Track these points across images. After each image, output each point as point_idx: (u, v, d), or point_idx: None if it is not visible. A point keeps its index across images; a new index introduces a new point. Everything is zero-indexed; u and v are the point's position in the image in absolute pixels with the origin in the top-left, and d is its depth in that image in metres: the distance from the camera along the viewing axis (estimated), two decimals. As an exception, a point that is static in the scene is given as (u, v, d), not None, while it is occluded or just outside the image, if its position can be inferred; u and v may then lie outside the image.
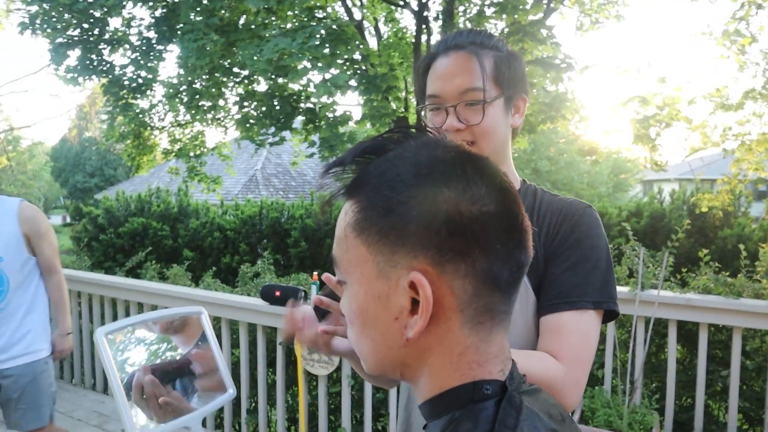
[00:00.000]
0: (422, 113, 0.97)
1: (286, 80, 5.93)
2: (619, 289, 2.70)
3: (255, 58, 5.25)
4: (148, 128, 7.12)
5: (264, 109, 6.56)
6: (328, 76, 5.17)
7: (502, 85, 0.90)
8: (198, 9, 5.78)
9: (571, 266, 0.85)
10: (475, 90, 0.88)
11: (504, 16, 6.05)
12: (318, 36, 5.00)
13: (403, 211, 0.47)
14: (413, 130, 0.54)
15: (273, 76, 5.43)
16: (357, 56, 5.89)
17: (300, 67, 5.20)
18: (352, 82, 5.59)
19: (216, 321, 3.11)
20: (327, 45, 5.11)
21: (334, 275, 0.61)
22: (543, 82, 6.19)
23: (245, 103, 6.80)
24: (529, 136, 6.45)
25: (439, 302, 0.47)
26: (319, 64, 5.14)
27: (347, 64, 5.53)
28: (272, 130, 6.66)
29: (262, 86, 6.87)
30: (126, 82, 6.40)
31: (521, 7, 5.96)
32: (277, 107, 6.41)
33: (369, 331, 0.52)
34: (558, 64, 5.83)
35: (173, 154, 7.45)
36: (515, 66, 0.93)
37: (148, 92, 6.53)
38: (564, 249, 0.87)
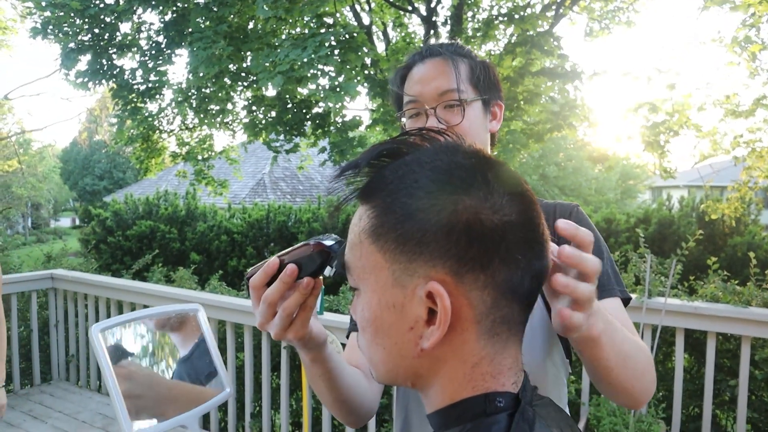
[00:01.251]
0: (402, 121, 0.99)
1: (296, 86, 5.96)
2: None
3: (266, 65, 5.27)
4: (157, 132, 7.17)
5: (273, 114, 6.58)
6: (338, 81, 5.19)
7: (479, 89, 0.94)
8: (207, 16, 5.82)
9: None
10: (454, 91, 0.91)
11: (512, 25, 6.06)
12: (328, 44, 5.02)
13: (423, 218, 0.46)
14: (430, 133, 0.52)
15: (284, 85, 5.45)
16: (366, 61, 5.91)
17: (310, 74, 5.22)
18: (361, 88, 5.59)
19: (221, 324, 3.12)
20: (337, 53, 5.14)
21: (345, 280, 0.58)
22: (550, 91, 6.19)
23: (254, 108, 6.83)
24: (536, 144, 6.43)
25: (457, 313, 0.46)
26: (328, 70, 5.16)
27: (356, 69, 5.55)
28: (282, 136, 6.68)
29: (270, 91, 6.91)
30: (135, 86, 6.45)
31: (531, 14, 5.96)
32: (288, 115, 6.43)
33: (382, 339, 0.51)
34: (565, 73, 5.82)
35: (181, 157, 7.50)
36: (489, 72, 0.96)
37: (157, 96, 6.58)
38: None
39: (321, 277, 0.65)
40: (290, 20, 6.13)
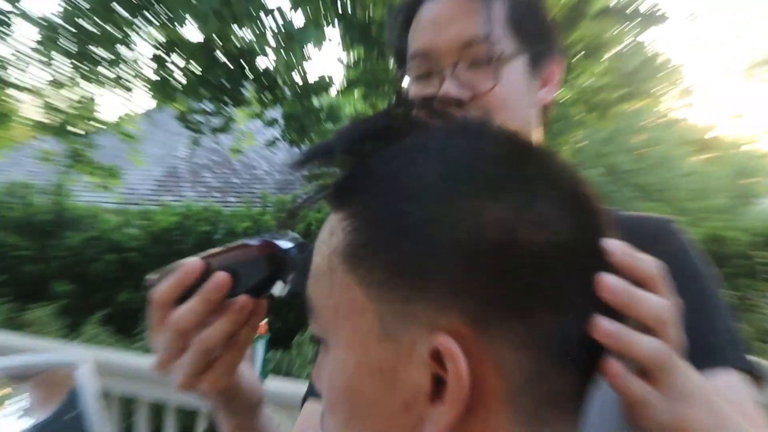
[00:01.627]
0: (404, 83, 1.02)
1: (230, 24, 6.01)
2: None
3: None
4: (6, 87, 7.16)
5: (198, 71, 6.59)
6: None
7: (523, 38, 0.94)
8: None
9: (695, 309, 0.84)
10: (484, 41, 0.92)
11: None
12: None
13: (428, 236, 0.47)
14: (443, 105, 0.53)
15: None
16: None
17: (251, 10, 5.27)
18: (332, 32, 5.64)
19: (101, 395, 3.08)
20: None
21: (306, 322, 0.56)
22: (620, 41, 6.31)
23: (166, 58, 6.84)
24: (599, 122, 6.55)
25: (479, 385, 0.46)
26: (278, 6, 5.19)
27: (324, 2, 5.61)
28: (209, 103, 6.69)
29: (193, 32, 6.94)
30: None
31: None
32: (219, 70, 6.44)
33: (361, 422, 0.51)
34: (642, 14, 5.93)
35: (46, 129, 7.50)
36: (541, 13, 0.99)
37: (7, 32, 6.56)
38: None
39: (266, 299, 0.65)
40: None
